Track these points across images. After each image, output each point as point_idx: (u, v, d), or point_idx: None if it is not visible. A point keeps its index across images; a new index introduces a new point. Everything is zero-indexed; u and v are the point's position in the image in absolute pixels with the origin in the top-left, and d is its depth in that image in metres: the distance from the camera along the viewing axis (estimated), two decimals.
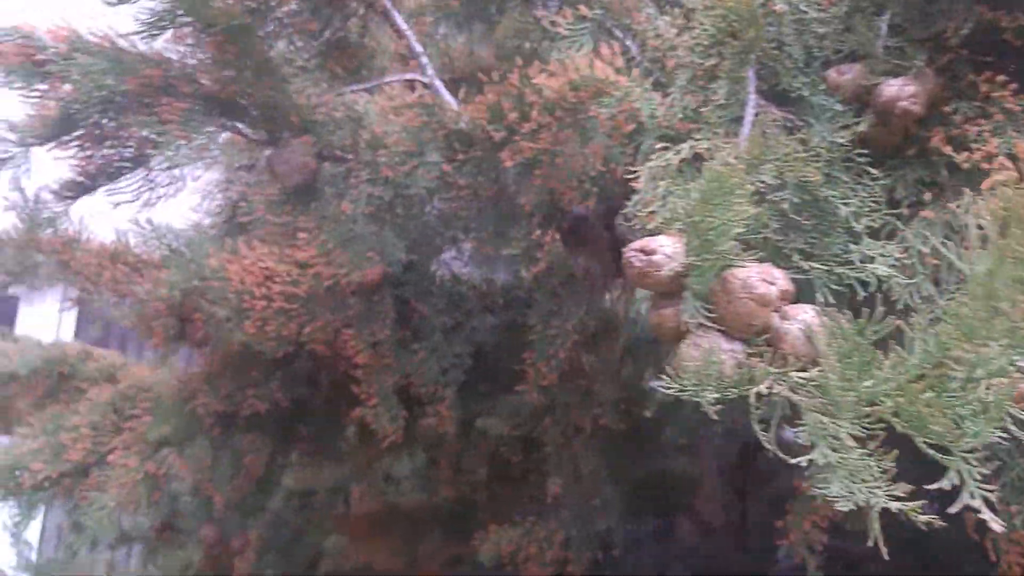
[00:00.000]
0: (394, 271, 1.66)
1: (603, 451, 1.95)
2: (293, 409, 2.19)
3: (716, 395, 0.67)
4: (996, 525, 0.58)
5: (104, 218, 1.90)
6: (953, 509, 0.59)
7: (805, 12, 1.01)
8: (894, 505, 0.61)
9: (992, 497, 0.58)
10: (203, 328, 1.79)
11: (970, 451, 0.58)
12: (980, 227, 0.60)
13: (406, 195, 1.49)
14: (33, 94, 1.26)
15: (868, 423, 0.62)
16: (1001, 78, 0.85)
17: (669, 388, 0.65)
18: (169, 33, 1.19)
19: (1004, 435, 0.59)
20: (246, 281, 1.50)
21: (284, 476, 2.67)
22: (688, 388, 0.67)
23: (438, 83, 2.04)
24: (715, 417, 0.62)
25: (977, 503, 0.58)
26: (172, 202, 1.61)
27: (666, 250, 0.72)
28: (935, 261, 0.79)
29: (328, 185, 1.41)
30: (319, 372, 2.15)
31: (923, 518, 0.60)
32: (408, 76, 2.03)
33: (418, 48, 2.08)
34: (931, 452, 0.60)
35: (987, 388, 0.58)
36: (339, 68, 2.10)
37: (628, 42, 1.40)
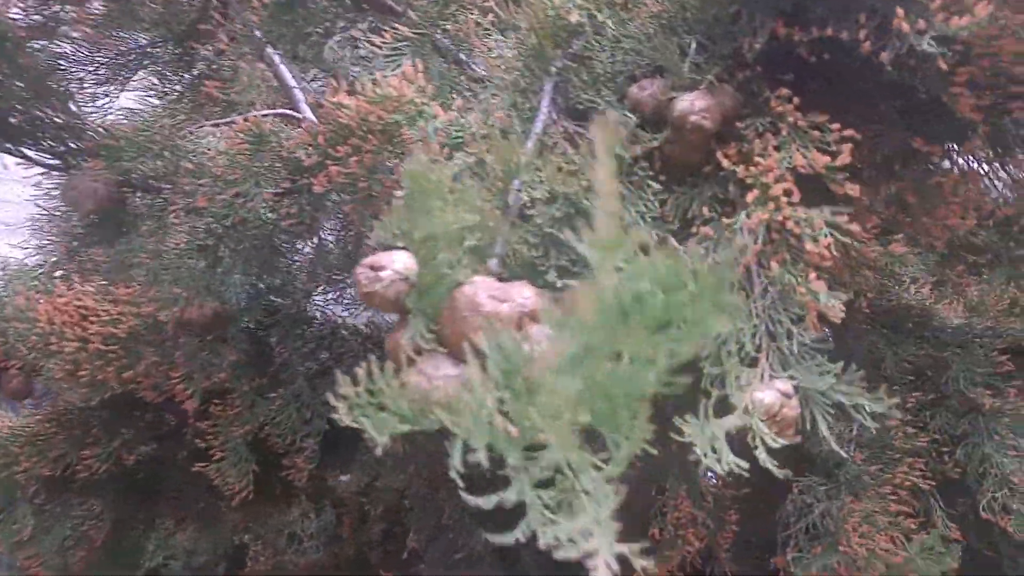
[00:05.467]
0: (234, 310, 1.54)
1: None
2: (144, 468, 2.01)
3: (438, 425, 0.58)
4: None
5: None
6: None
7: (612, 28, 0.97)
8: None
9: None
10: (19, 378, 1.63)
11: None
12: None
13: (242, 229, 1.39)
14: None
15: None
16: (785, 92, 0.81)
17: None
18: None
19: None
20: (56, 321, 1.37)
21: (151, 541, 2.46)
22: (410, 418, 0.58)
23: (311, 116, 1.96)
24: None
25: None
26: None
27: (396, 266, 0.63)
28: None
29: (145, 217, 1.30)
30: (175, 427, 1.99)
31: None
32: (280, 111, 1.95)
33: (290, 80, 2.00)
34: None
35: None
36: (208, 100, 2.02)
37: (474, 65, 1.35)
